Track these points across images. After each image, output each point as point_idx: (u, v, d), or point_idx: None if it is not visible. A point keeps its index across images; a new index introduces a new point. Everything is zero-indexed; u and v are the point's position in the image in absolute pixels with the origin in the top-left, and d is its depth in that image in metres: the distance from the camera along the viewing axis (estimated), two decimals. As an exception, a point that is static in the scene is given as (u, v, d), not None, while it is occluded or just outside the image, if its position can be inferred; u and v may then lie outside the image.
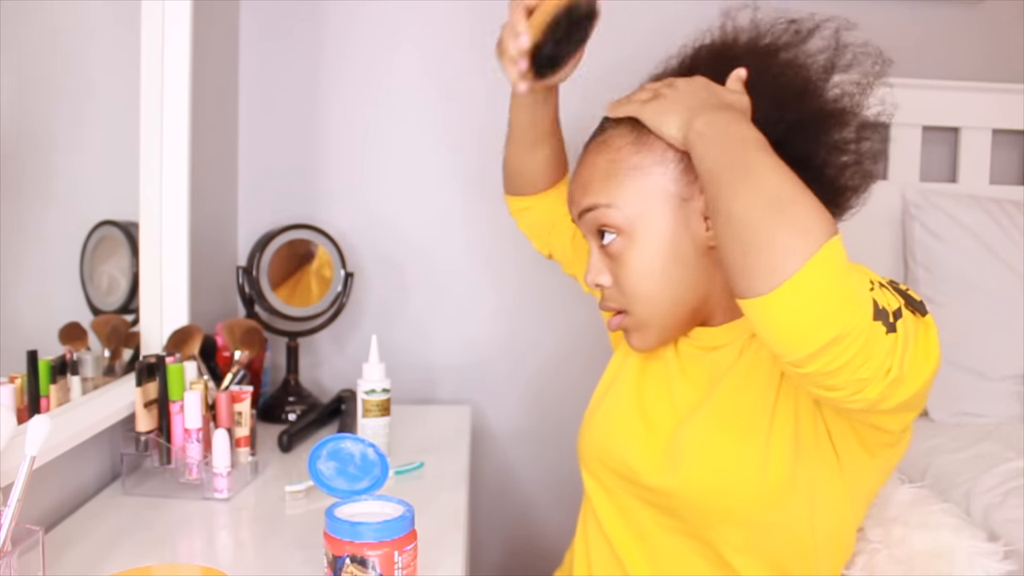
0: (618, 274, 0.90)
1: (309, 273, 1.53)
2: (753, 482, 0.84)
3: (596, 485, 0.99)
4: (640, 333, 0.93)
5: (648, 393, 0.96)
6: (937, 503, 1.05)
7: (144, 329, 1.19)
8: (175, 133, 1.21)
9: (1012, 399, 1.46)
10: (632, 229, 0.88)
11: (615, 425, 0.97)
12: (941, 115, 1.66)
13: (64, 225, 1.04)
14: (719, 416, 0.88)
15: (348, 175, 1.64)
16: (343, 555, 0.71)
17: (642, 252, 0.89)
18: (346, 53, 1.61)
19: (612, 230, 0.89)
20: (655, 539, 0.93)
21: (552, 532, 1.69)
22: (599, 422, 0.99)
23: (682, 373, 0.94)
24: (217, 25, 1.47)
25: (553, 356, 1.69)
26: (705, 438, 0.88)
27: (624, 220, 0.88)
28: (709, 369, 0.92)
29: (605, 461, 0.96)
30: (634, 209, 0.88)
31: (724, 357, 0.92)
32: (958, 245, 1.51)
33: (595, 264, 0.93)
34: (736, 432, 0.86)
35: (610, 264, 0.91)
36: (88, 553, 0.88)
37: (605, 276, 0.92)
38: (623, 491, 0.95)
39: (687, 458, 0.88)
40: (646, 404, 0.96)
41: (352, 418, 1.32)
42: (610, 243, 0.90)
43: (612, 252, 0.90)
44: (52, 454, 0.89)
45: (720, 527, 0.88)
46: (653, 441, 0.92)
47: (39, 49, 0.95)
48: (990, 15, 1.70)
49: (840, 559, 0.93)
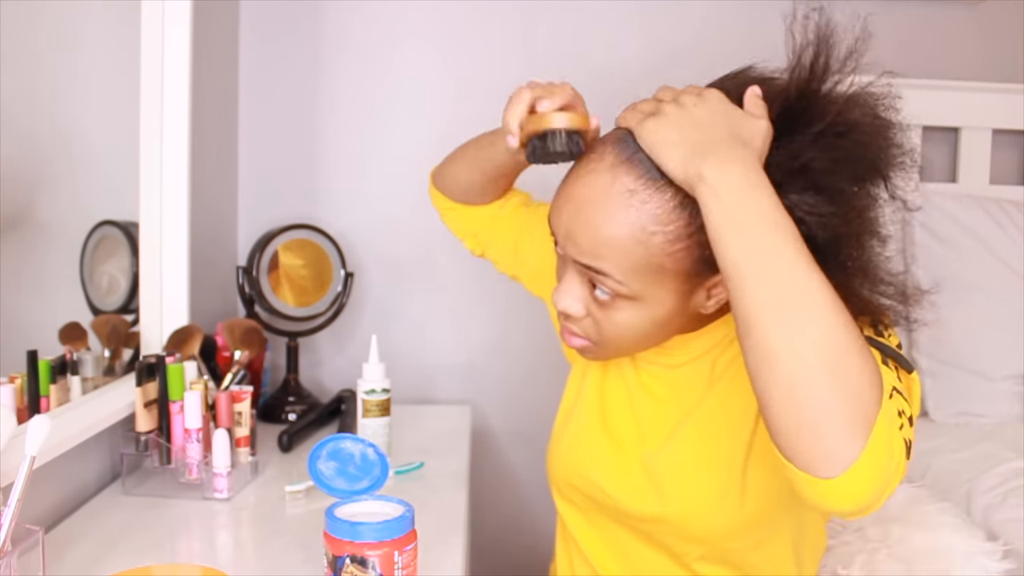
0: (598, 318, 0.82)
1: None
2: (732, 511, 0.85)
3: (568, 506, 0.99)
4: (598, 355, 0.88)
5: (611, 413, 0.94)
6: (936, 502, 1.05)
7: (144, 329, 1.19)
8: (175, 133, 1.21)
9: (1012, 399, 1.46)
10: (633, 297, 0.79)
11: (584, 449, 0.95)
12: (941, 115, 1.66)
13: (64, 225, 1.04)
14: (694, 444, 0.87)
15: (348, 175, 1.64)
16: (343, 555, 0.71)
17: (633, 316, 0.80)
18: (346, 53, 1.61)
19: (610, 293, 0.80)
20: (631, 552, 0.94)
21: (552, 532, 1.68)
22: (567, 447, 0.97)
23: (644, 390, 0.92)
24: (217, 25, 1.47)
25: (553, 356, 1.68)
26: (682, 466, 0.87)
27: (628, 292, 0.78)
28: (671, 387, 0.90)
29: (577, 486, 0.95)
30: (643, 288, 0.78)
31: (687, 375, 0.89)
32: (958, 245, 1.51)
33: (571, 289, 0.82)
34: (713, 461, 0.86)
35: (590, 303, 0.82)
36: (88, 553, 0.88)
37: (579, 307, 0.82)
38: (597, 512, 0.95)
39: (671, 486, 0.87)
40: (611, 424, 0.94)
41: (352, 418, 1.32)
42: (601, 294, 0.80)
43: (599, 299, 0.81)
44: (52, 454, 0.89)
45: (697, 549, 0.89)
46: (625, 465, 0.91)
47: (39, 49, 0.95)
48: (990, 15, 1.70)
49: (816, 558, 0.95)
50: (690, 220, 0.74)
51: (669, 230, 0.75)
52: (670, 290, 0.78)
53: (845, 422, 0.60)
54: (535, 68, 1.65)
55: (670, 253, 0.76)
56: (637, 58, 1.64)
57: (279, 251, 1.49)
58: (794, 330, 0.63)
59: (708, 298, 0.81)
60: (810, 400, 0.61)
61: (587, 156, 0.80)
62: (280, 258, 1.49)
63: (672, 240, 0.75)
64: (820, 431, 0.61)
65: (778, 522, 0.87)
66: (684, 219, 0.75)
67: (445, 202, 1.14)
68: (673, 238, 0.75)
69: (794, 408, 0.61)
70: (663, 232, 0.75)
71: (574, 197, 0.79)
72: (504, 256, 1.13)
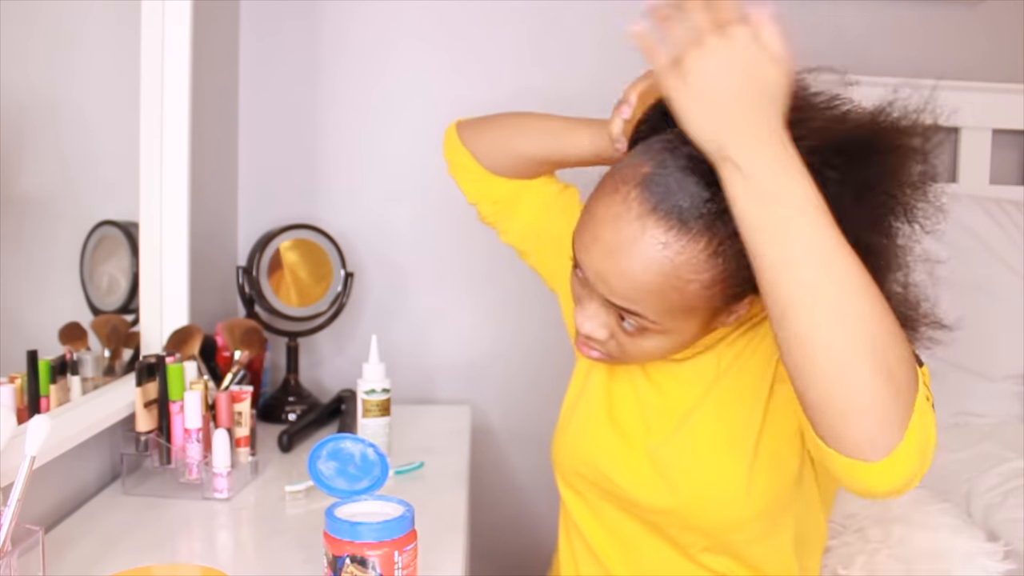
0: (622, 341, 0.82)
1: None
2: (739, 505, 0.85)
3: (572, 493, 0.99)
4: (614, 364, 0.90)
5: (617, 404, 0.95)
6: (937, 503, 1.05)
7: (144, 329, 1.19)
8: (175, 133, 1.20)
9: (1012, 399, 1.46)
10: (662, 332, 0.79)
11: (590, 438, 0.95)
12: (941, 115, 1.66)
13: (64, 225, 1.04)
14: (702, 436, 0.88)
15: (348, 175, 1.64)
16: (343, 555, 0.71)
17: (660, 343, 0.81)
18: (346, 53, 1.61)
19: (637, 326, 0.79)
20: (635, 543, 0.94)
21: (552, 532, 1.67)
22: (573, 435, 0.97)
23: (650, 383, 0.93)
24: (217, 25, 1.47)
25: (553, 356, 1.68)
26: (689, 457, 0.88)
27: (659, 329, 0.79)
28: (677, 381, 0.91)
29: (584, 474, 0.96)
30: (674, 324, 0.78)
31: (693, 368, 0.90)
32: (958, 245, 1.51)
33: (596, 316, 0.81)
34: (721, 453, 0.86)
35: (616, 330, 0.81)
36: (88, 553, 0.88)
37: (603, 332, 0.82)
38: (602, 501, 0.95)
39: (678, 478, 0.88)
40: (617, 416, 0.94)
41: (352, 418, 1.32)
42: (628, 326, 0.80)
43: (626, 329, 0.80)
44: (52, 454, 0.89)
45: (702, 541, 0.89)
46: (632, 456, 0.91)
47: (39, 49, 0.95)
48: (990, 15, 1.70)
49: (819, 552, 0.96)
50: (725, 265, 0.74)
51: (704, 278, 0.75)
52: (699, 321, 0.79)
53: (889, 405, 0.60)
54: (535, 68, 1.66)
55: (706, 297, 0.76)
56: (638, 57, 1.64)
57: (281, 250, 1.48)
58: (834, 315, 0.60)
59: (730, 315, 0.82)
60: (854, 386, 0.60)
61: (611, 195, 0.76)
62: (283, 257, 1.49)
63: (708, 286, 0.75)
64: (866, 416, 0.60)
65: (782, 515, 0.87)
66: (719, 266, 0.74)
67: (470, 163, 1.05)
68: (708, 283, 0.75)
69: (839, 396, 0.61)
70: (699, 280, 0.75)
71: (602, 239, 0.76)
72: (519, 230, 1.07)
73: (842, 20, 1.67)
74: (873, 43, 1.68)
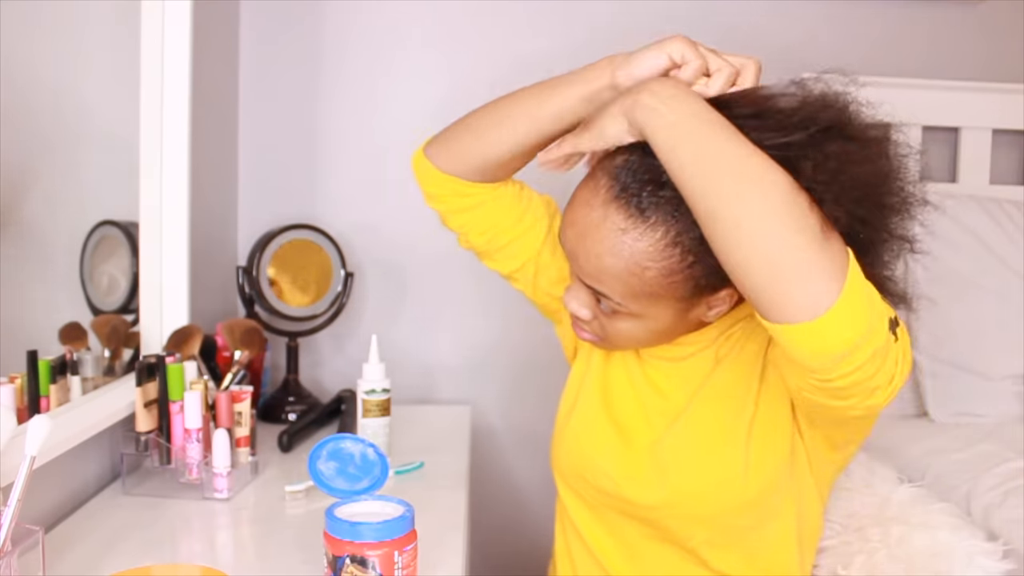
0: (603, 322, 0.86)
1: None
2: (738, 488, 0.86)
3: (572, 495, 0.99)
4: (609, 348, 0.94)
5: (615, 404, 0.96)
6: (936, 502, 1.05)
7: (144, 329, 1.19)
8: (175, 133, 1.20)
9: (1012, 399, 1.46)
10: (633, 315, 0.84)
11: (589, 439, 0.96)
12: (941, 115, 1.66)
13: (64, 225, 1.04)
14: (699, 425, 0.89)
15: (348, 175, 1.64)
16: (343, 555, 0.71)
17: (634, 327, 0.85)
18: (346, 53, 1.61)
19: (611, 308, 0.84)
20: (635, 543, 0.94)
21: (552, 531, 1.68)
22: (572, 436, 0.98)
23: (648, 382, 0.94)
24: (217, 25, 1.47)
25: (553, 355, 1.68)
26: (687, 448, 0.89)
27: (627, 311, 0.83)
28: (675, 379, 0.92)
29: (583, 475, 0.96)
30: (641, 308, 0.83)
31: (692, 367, 0.91)
32: (958, 245, 1.51)
33: (578, 296, 0.86)
34: (718, 440, 0.87)
35: (596, 309, 0.86)
36: (88, 553, 0.88)
37: (586, 312, 0.87)
38: (601, 503, 0.96)
39: (672, 470, 0.88)
40: (616, 415, 0.95)
41: (352, 418, 1.32)
42: (604, 307, 0.85)
43: (603, 310, 0.85)
44: (52, 454, 0.89)
45: (703, 532, 0.90)
46: (633, 455, 0.92)
47: (40, 49, 0.95)
48: (990, 15, 1.70)
49: (814, 546, 0.97)
50: (683, 256, 0.78)
51: (662, 265, 0.78)
52: (668, 309, 0.82)
53: (814, 259, 0.64)
54: (536, 68, 1.66)
55: (665, 285, 0.79)
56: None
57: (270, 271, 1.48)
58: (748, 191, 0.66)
59: (708, 309, 0.84)
60: (778, 245, 0.65)
61: (588, 180, 0.83)
62: (272, 275, 1.48)
63: (666, 274, 0.79)
64: (794, 274, 0.64)
65: (780, 498, 0.88)
66: (676, 255, 0.78)
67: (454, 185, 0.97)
68: (667, 272, 0.78)
69: (766, 261, 0.65)
70: (656, 267, 0.78)
71: (576, 222, 0.82)
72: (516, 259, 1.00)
73: (843, 22, 1.67)
74: (874, 44, 1.68)
